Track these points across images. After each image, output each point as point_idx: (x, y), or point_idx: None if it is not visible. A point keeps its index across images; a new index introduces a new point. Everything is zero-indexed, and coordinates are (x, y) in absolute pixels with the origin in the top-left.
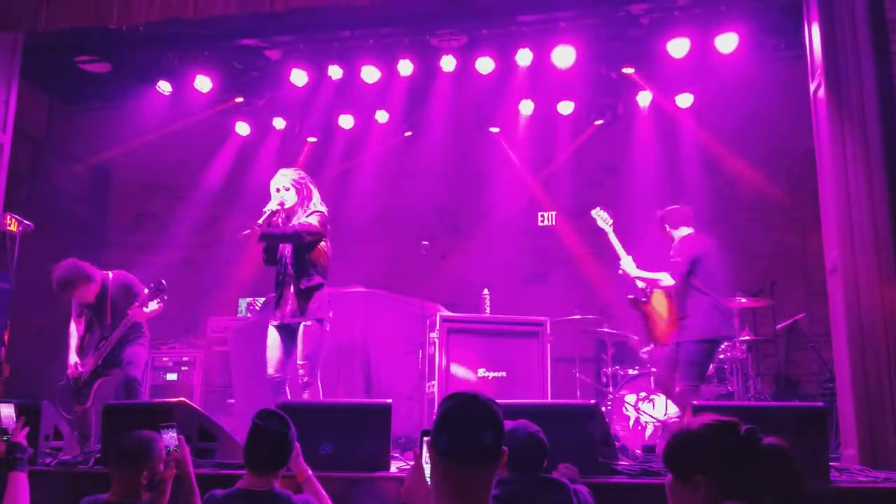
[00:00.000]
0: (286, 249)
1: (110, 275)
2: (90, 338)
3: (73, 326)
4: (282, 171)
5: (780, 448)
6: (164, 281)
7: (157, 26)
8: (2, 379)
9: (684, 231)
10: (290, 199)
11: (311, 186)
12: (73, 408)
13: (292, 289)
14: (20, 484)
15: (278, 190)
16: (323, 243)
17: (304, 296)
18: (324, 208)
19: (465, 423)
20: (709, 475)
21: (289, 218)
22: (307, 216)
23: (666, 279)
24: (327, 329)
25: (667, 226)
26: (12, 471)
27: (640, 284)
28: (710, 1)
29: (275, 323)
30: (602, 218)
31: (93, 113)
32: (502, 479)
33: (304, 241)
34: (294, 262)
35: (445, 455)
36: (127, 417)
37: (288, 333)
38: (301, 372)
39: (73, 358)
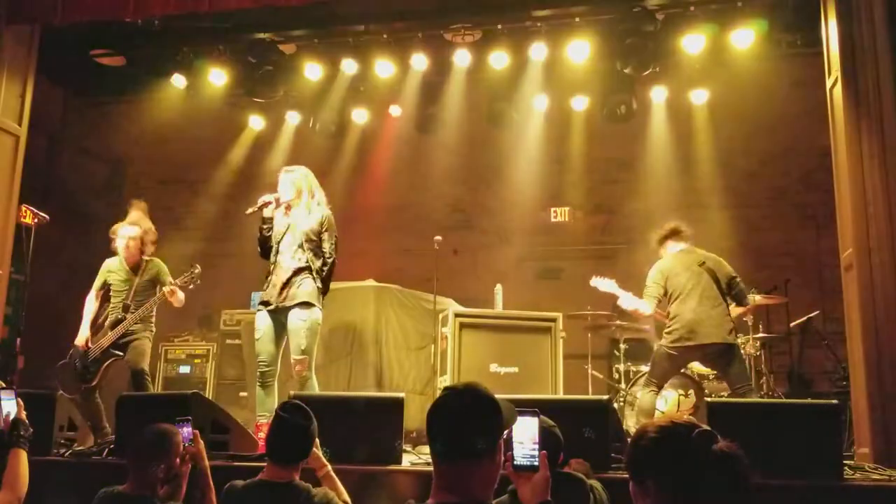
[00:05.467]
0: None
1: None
2: (103, 317)
3: (89, 300)
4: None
5: (729, 453)
6: (197, 265)
7: (173, 20)
8: (16, 370)
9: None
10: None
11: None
12: (78, 387)
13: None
14: (21, 460)
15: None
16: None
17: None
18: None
19: (451, 419)
20: (657, 478)
21: (287, 208)
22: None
23: None
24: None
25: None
26: (14, 447)
27: None
28: None
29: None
30: (601, 284)
31: (108, 106)
32: None
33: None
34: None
35: (435, 452)
36: (142, 409)
37: (281, 324)
38: (298, 367)
39: (87, 332)
